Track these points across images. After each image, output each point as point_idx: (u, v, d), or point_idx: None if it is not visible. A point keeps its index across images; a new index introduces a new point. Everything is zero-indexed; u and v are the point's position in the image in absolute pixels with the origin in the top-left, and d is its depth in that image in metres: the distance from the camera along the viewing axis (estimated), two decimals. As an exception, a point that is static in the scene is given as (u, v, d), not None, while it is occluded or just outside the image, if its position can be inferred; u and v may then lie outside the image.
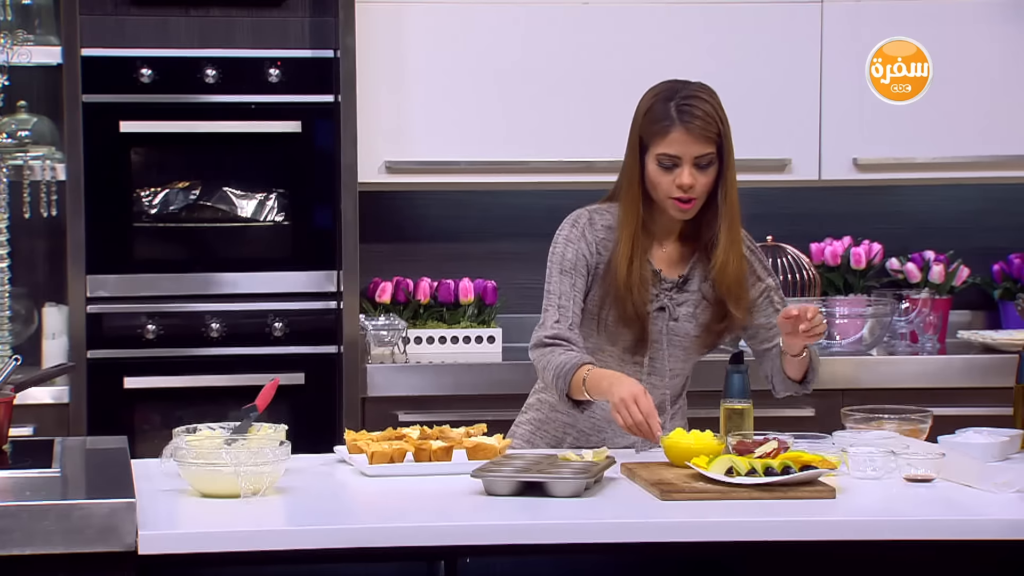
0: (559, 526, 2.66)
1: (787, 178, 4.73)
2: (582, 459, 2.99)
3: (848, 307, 4.62)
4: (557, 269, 3.30)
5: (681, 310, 3.33)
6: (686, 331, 3.34)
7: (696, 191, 3.23)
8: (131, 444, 3.20)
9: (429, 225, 4.95)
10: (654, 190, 3.26)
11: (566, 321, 3.25)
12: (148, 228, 4.45)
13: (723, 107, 3.25)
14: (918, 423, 3.25)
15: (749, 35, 4.68)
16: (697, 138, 3.21)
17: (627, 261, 3.25)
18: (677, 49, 4.64)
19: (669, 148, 3.22)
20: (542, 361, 3.24)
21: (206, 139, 4.46)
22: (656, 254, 3.33)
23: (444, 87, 4.62)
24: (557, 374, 3.19)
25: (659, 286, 3.31)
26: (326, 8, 4.45)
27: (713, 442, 3.03)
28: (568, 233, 3.32)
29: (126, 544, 2.52)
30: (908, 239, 5.03)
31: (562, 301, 3.26)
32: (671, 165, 3.22)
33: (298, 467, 3.01)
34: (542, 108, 4.63)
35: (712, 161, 3.23)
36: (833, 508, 2.77)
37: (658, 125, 3.23)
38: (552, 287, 3.29)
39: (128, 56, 4.41)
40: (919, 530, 2.69)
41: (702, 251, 3.32)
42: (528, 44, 4.63)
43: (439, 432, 3.18)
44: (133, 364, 4.41)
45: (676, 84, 3.28)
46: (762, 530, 2.67)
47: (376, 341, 4.59)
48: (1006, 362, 4.00)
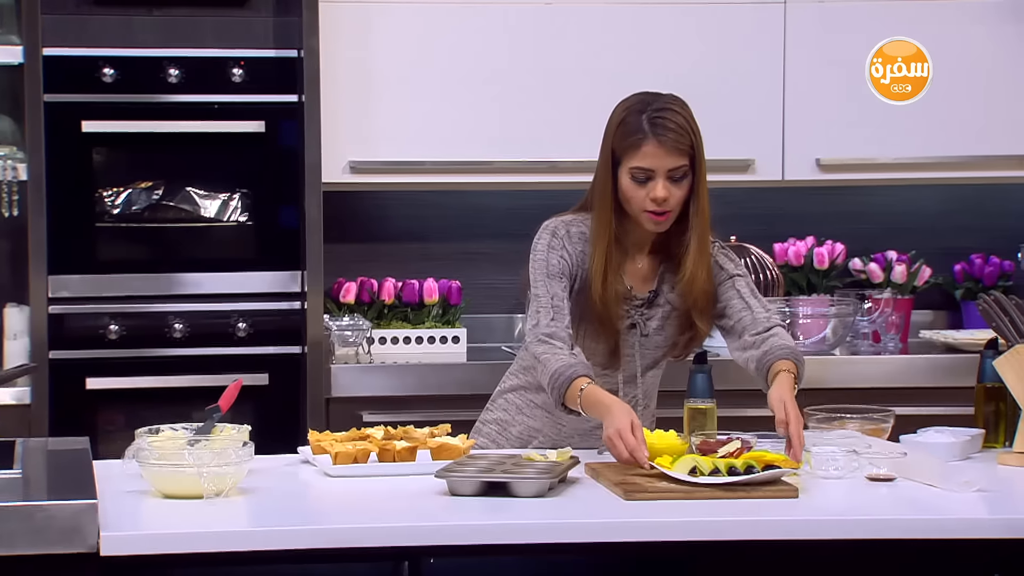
0: (523, 526, 2.66)
1: (750, 178, 4.74)
2: (546, 459, 2.99)
3: (811, 307, 4.64)
4: (543, 274, 3.26)
5: (651, 324, 3.33)
6: (656, 343, 3.34)
7: (670, 204, 3.21)
8: (94, 445, 3.18)
9: (393, 225, 4.95)
10: (628, 203, 3.24)
11: (562, 321, 3.22)
12: (111, 228, 4.43)
13: (695, 119, 3.24)
14: (880, 423, 3.27)
15: (713, 36, 4.69)
16: (670, 151, 3.19)
17: (602, 276, 3.24)
18: (640, 50, 4.65)
19: (642, 161, 3.20)
20: (543, 357, 3.19)
21: (169, 139, 4.44)
22: (628, 269, 3.31)
23: (408, 87, 4.61)
24: (554, 381, 3.16)
25: (630, 303, 3.31)
26: (290, 8, 4.44)
27: (677, 441, 3.04)
28: (550, 240, 3.28)
29: (88, 545, 2.51)
30: (871, 239, 5.05)
31: (555, 302, 3.23)
32: (645, 179, 3.20)
33: (262, 468, 3.00)
34: (507, 109, 4.63)
35: (686, 174, 3.21)
36: (796, 507, 2.78)
37: (631, 138, 3.20)
38: (540, 290, 3.25)
39: (90, 56, 4.38)
40: (881, 529, 2.70)
41: (669, 262, 3.32)
42: (492, 45, 4.63)
43: (403, 432, 3.18)
44: (95, 365, 4.39)
45: (648, 96, 3.25)
46: (725, 529, 2.68)
47: (340, 341, 4.59)
48: (968, 362, 4.02)
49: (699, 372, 3.27)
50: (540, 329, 3.22)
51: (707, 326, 3.32)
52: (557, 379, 3.16)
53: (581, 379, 3.14)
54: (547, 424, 3.39)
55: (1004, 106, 4.76)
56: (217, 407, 3.13)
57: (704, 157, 3.24)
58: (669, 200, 3.20)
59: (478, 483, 2.83)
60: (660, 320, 3.33)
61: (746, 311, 3.31)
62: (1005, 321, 3.23)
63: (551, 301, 3.23)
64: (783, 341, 3.26)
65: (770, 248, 4.93)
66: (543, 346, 3.20)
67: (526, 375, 3.42)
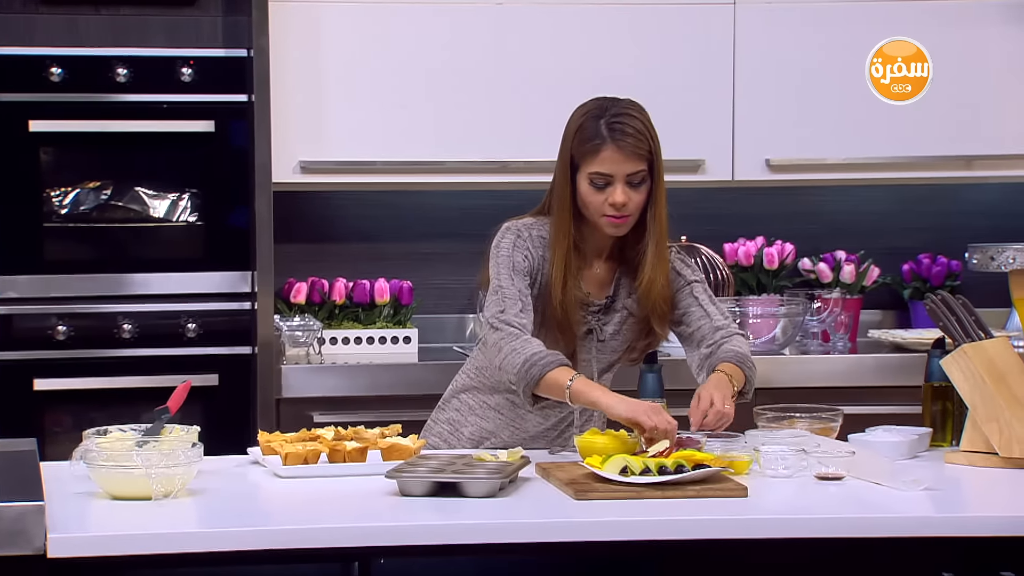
0: (474, 526, 2.66)
1: (701, 179, 4.75)
2: (497, 459, 2.99)
3: (761, 307, 4.66)
4: (507, 269, 3.23)
5: (608, 329, 3.33)
6: (613, 348, 3.35)
7: (629, 209, 3.21)
8: (41, 446, 3.16)
9: (344, 225, 4.94)
10: (586, 208, 3.24)
11: (529, 315, 3.20)
12: (59, 228, 4.41)
13: (653, 124, 3.24)
14: (829, 422, 3.29)
15: (663, 37, 4.70)
16: (629, 156, 3.19)
17: (561, 281, 3.23)
18: (590, 51, 4.66)
19: (601, 167, 3.20)
20: (512, 343, 3.15)
21: (118, 139, 4.42)
22: (586, 275, 3.31)
23: (359, 87, 4.60)
24: (530, 364, 3.13)
25: (587, 309, 3.31)
26: (239, 7, 4.42)
27: (629, 441, 3.05)
28: (515, 240, 3.26)
29: (35, 547, 2.49)
30: (820, 239, 5.08)
31: (522, 296, 3.21)
32: (603, 184, 3.20)
33: (211, 469, 2.99)
34: (458, 108, 4.63)
35: (644, 179, 3.22)
36: (745, 506, 2.79)
37: (589, 144, 3.20)
38: (504, 282, 3.21)
39: (37, 55, 4.35)
40: (830, 528, 2.72)
41: (626, 267, 3.32)
42: (443, 44, 4.63)
43: (354, 433, 3.17)
44: (43, 365, 4.36)
45: (605, 102, 3.25)
46: (675, 529, 2.68)
47: (291, 342, 4.57)
48: (916, 361, 4.05)
49: (649, 372, 3.28)
50: (508, 316, 3.18)
51: (665, 331, 3.33)
52: (534, 359, 3.13)
53: (566, 368, 3.13)
54: (500, 425, 3.39)
55: (1005, 106, 4.80)
56: (166, 408, 3.11)
57: (662, 163, 3.24)
58: (628, 205, 3.20)
59: (429, 483, 2.83)
60: (616, 325, 3.33)
61: (704, 319, 3.32)
62: (952, 321, 3.26)
63: (518, 295, 3.21)
64: (734, 347, 3.27)
65: (720, 248, 4.95)
66: (512, 330, 3.16)
67: (479, 375, 3.41)
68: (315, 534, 2.62)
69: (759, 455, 3.03)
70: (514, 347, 3.16)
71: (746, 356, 3.27)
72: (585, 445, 3.06)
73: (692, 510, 2.75)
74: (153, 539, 2.56)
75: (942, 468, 3.15)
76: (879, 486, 2.92)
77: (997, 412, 3.14)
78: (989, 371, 3.17)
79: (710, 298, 3.35)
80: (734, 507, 2.78)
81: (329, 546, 2.60)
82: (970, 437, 3.18)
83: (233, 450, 3.29)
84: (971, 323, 3.25)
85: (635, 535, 2.68)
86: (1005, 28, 4.79)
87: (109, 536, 2.57)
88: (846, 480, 2.98)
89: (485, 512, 2.72)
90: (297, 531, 2.62)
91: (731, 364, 3.23)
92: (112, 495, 2.78)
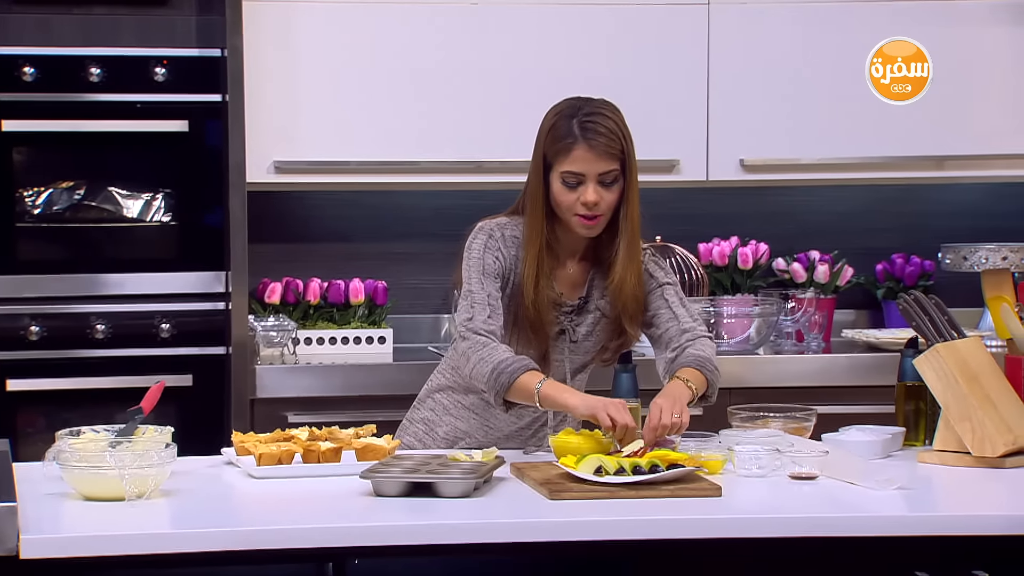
0: (448, 526, 2.66)
1: (675, 179, 4.76)
2: (471, 459, 2.99)
3: (735, 307, 4.67)
4: (478, 272, 3.24)
5: (580, 330, 3.34)
6: (586, 349, 3.35)
7: (601, 208, 3.21)
8: (13, 447, 3.15)
9: (319, 225, 4.93)
10: (559, 208, 3.24)
11: (497, 320, 3.21)
12: (31, 228, 4.39)
13: (626, 123, 3.24)
14: (803, 421, 3.29)
15: (637, 36, 4.71)
16: (601, 155, 3.19)
17: (534, 281, 3.23)
18: (565, 51, 4.66)
19: (573, 166, 3.20)
20: (480, 352, 3.16)
21: (91, 138, 4.40)
22: (559, 275, 3.31)
23: (333, 87, 4.60)
24: (499, 372, 3.14)
25: (559, 310, 3.31)
26: (213, 7, 4.41)
27: (603, 441, 3.05)
28: (487, 241, 3.27)
29: (7, 549, 2.48)
30: (794, 239, 5.09)
31: (491, 301, 3.22)
32: (575, 183, 3.21)
33: (185, 470, 2.98)
34: (432, 108, 4.63)
35: (617, 178, 3.22)
36: (719, 506, 2.80)
37: (562, 143, 3.21)
38: (475, 287, 3.23)
39: (9, 54, 4.33)
40: (803, 527, 2.72)
41: (599, 267, 3.32)
42: (418, 44, 4.63)
43: (328, 433, 3.17)
44: (16, 366, 4.34)
45: (578, 101, 3.26)
46: (650, 528, 2.69)
47: (265, 342, 4.56)
48: (889, 360, 4.06)
49: (624, 372, 3.28)
50: (476, 324, 3.19)
51: (636, 332, 3.33)
52: (502, 366, 3.13)
53: (534, 372, 3.13)
54: (474, 426, 3.39)
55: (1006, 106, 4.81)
56: (139, 409, 3.11)
57: (635, 162, 3.24)
58: (600, 204, 3.21)
59: (403, 483, 2.82)
60: (590, 326, 3.34)
61: (672, 321, 3.32)
62: (925, 320, 3.27)
63: (487, 299, 3.22)
64: (696, 351, 3.27)
65: (695, 248, 4.96)
66: (479, 338, 3.18)
67: (454, 375, 3.41)
68: (289, 535, 2.61)
69: (733, 455, 3.04)
70: (482, 356, 3.16)
71: (707, 359, 3.26)
72: (560, 445, 3.06)
73: (666, 510, 2.75)
74: (127, 540, 2.55)
75: (915, 467, 3.16)
76: (853, 485, 2.93)
77: (969, 411, 3.15)
78: (962, 371, 3.18)
79: (680, 300, 3.36)
80: (708, 507, 2.78)
81: (303, 547, 2.60)
82: (943, 436, 3.19)
83: (207, 451, 3.28)
84: (944, 323, 3.26)
85: (610, 535, 2.68)
86: (1005, 28, 4.80)
87: (82, 537, 2.56)
88: (820, 480, 2.98)
89: (460, 512, 2.72)
90: (271, 532, 2.62)
91: (691, 369, 3.23)
92: (85, 496, 2.77)
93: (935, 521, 2.77)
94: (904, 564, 2.74)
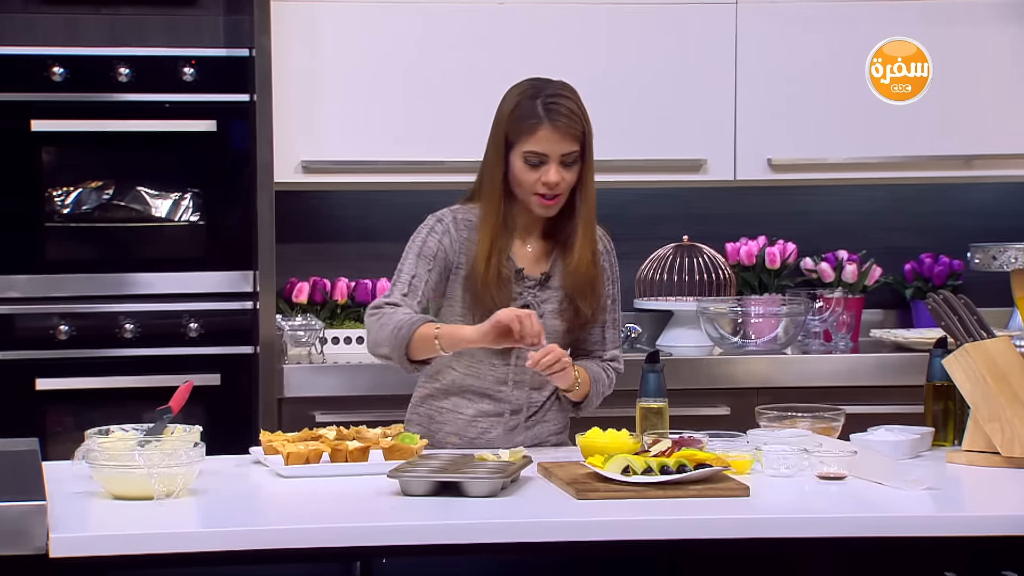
0: (475, 526, 2.66)
1: (702, 178, 4.75)
2: (498, 459, 2.99)
3: (763, 306, 4.66)
4: (415, 253, 3.32)
5: (546, 307, 3.35)
6: (554, 327, 3.35)
7: (561, 188, 3.28)
8: (43, 446, 3.16)
9: (346, 225, 4.94)
10: (519, 187, 3.30)
11: (414, 299, 3.28)
12: (60, 228, 4.41)
13: (585, 106, 3.30)
14: (831, 421, 3.29)
15: (665, 37, 4.70)
16: (564, 136, 3.26)
17: (485, 257, 3.28)
18: (593, 50, 4.65)
19: (536, 146, 3.26)
20: (380, 319, 3.23)
21: (119, 138, 4.42)
22: (519, 252, 3.36)
23: (360, 86, 4.60)
24: (398, 329, 3.19)
25: (521, 284, 3.34)
26: (240, 7, 4.42)
27: (629, 441, 3.05)
28: (433, 225, 3.35)
29: (37, 547, 2.49)
30: (821, 239, 5.08)
31: (414, 282, 3.29)
32: (538, 162, 3.27)
33: (213, 469, 2.99)
34: (460, 107, 4.62)
35: (576, 159, 3.29)
36: (747, 506, 2.79)
37: (525, 123, 3.27)
38: (405, 268, 3.31)
39: (39, 54, 4.36)
40: (831, 527, 2.72)
41: (560, 248, 3.36)
42: (444, 44, 4.63)
43: (355, 432, 3.17)
44: (45, 365, 4.36)
45: (539, 82, 3.34)
46: (677, 528, 2.68)
47: (293, 341, 4.57)
48: (917, 360, 4.05)
49: (651, 372, 3.28)
50: (387, 298, 3.27)
51: (591, 312, 3.37)
52: (400, 325, 3.19)
53: (431, 323, 3.19)
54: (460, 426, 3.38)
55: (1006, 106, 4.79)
56: (168, 408, 3.11)
57: (592, 144, 3.31)
58: (560, 184, 3.27)
59: (430, 483, 2.83)
60: (556, 304, 3.35)
61: (599, 345, 3.42)
62: (954, 320, 3.26)
63: (410, 280, 3.30)
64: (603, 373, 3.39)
65: (722, 248, 4.95)
66: (382, 309, 3.24)
67: (432, 382, 3.41)
68: (316, 534, 2.62)
69: (761, 455, 3.03)
70: (382, 322, 3.23)
71: (601, 382, 3.37)
72: (587, 444, 3.06)
73: (694, 510, 2.75)
74: (155, 539, 2.56)
75: (944, 468, 3.15)
76: (881, 486, 2.92)
77: (999, 411, 3.14)
78: (991, 370, 3.17)
79: (614, 321, 3.44)
80: (736, 507, 2.78)
81: (330, 546, 2.60)
82: (972, 436, 3.18)
83: (235, 450, 3.29)
84: (973, 322, 3.25)
85: (637, 535, 2.68)
86: (1005, 28, 4.78)
87: (111, 536, 2.57)
88: (848, 480, 2.98)
89: (487, 512, 2.72)
90: (298, 531, 2.62)
91: (587, 376, 3.34)
92: (114, 495, 2.78)
93: (964, 521, 2.76)
94: (932, 565, 2.73)
